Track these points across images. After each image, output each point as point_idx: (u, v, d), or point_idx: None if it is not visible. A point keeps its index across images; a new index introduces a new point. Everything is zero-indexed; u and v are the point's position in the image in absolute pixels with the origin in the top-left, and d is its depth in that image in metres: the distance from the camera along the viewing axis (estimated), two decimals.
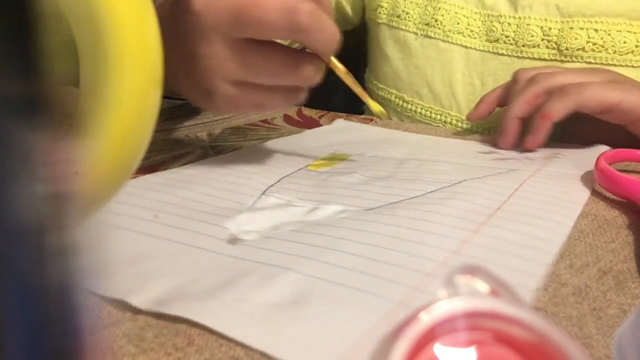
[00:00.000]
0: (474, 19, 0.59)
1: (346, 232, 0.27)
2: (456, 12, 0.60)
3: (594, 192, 0.36)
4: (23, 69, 0.07)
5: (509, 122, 0.48)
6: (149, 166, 0.40)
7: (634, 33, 0.52)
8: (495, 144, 0.50)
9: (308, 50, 0.35)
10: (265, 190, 0.34)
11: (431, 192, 0.34)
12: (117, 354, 0.19)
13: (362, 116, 0.63)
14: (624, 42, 0.52)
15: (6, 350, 0.08)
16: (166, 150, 0.45)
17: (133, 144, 0.22)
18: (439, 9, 0.61)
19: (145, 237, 0.27)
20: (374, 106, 0.42)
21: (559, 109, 0.44)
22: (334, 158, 0.43)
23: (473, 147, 0.50)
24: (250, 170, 0.38)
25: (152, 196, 0.32)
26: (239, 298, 0.21)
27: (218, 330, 0.19)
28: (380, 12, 0.65)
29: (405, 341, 0.12)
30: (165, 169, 0.40)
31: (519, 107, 0.47)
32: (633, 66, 0.52)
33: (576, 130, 0.51)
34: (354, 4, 0.70)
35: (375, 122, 0.61)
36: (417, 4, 0.63)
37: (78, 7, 0.20)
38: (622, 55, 0.52)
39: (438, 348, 0.12)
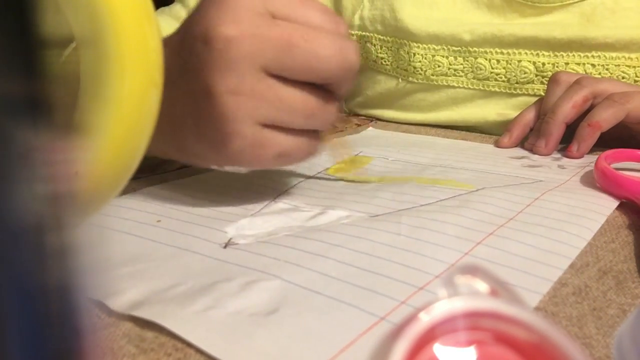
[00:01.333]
0: (454, 57, 0.56)
1: (343, 239, 0.26)
2: (433, 55, 0.57)
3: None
4: (23, 69, 0.07)
5: (555, 127, 0.46)
6: (149, 166, 0.40)
7: (633, 67, 0.50)
8: (531, 149, 0.48)
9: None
10: (277, 197, 0.34)
11: (443, 199, 0.33)
12: (117, 354, 0.19)
13: (362, 117, 0.63)
14: (623, 77, 0.50)
15: (6, 350, 0.08)
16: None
17: (133, 144, 0.22)
18: (414, 54, 0.57)
19: (142, 240, 0.27)
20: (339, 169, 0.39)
21: (608, 119, 0.43)
22: (355, 161, 0.42)
23: (505, 152, 0.48)
24: (268, 173, 0.38)
25: (160, 202, 0.32)
26: (212, 305, 0.21)
27: (184, 337, 0.19)
28: None
29: (405, 341, 0.12)
30: (165, 169, 0.40)
31: (567, 111, 0.45)
32: None
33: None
34: None
35: (375, 122, 0.61)
36: (388, 48, 0.60)
37: (79, 9, 0.20)
38: (615, 80, 0.50)
39: (438, 348, 0.12)
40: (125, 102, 0.21)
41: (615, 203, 0.33)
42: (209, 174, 0.38)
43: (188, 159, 0.32)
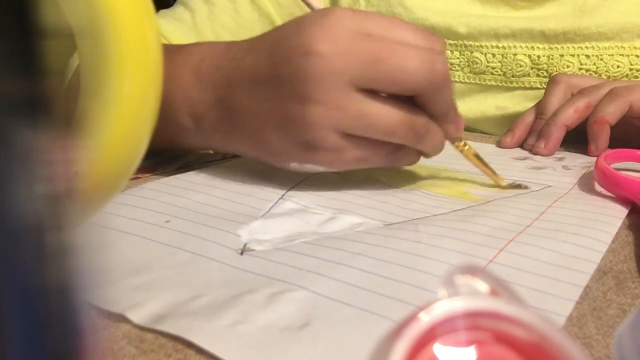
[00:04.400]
0: (451, 51, 0.56)
1: (363, 247, 0.26)
2: None
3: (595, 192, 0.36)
4: (23, 69, 0.07)
5: (555, 128, 0.46)
6: (149, 166, 0.40)
7: (627, 56, 0.51)
8: (532, 150, 0.48)
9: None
10: (284, 194, 0.34)
11: (457, 210, 0.32)
12: (117, 355, 0.19)
13: None
14: (617, 67, 0.51)
15: (6, 350, 0.08)
16: (166, 151, 0.45)
17: (133, 144, 0.22)
18: None
19: (155, 244, 0.26)
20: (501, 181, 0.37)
21: (613, 112, 0.43)
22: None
23: (508, 152, 0.48)
24: (273, 172, 0.37)
25: (167, 200, 0.32)
26: (241, 319, 0.20)
27: (214, 353, 0.18)
28: None
29: (405, 341, 0.12)
30: (165, 169, 0.40)
31: (569, 114, 0.46)
32: None
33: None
34: None
35: None
36: None
37: (79, 7, 0.20)
38: (616, 80, 0.51)
39: (438, 348, 0.12)
40: (125, 101, 0.21)
41: (627, 206, 0.33)
42: (212, 170, 0.38)
43: (267, 156, 0.34)
